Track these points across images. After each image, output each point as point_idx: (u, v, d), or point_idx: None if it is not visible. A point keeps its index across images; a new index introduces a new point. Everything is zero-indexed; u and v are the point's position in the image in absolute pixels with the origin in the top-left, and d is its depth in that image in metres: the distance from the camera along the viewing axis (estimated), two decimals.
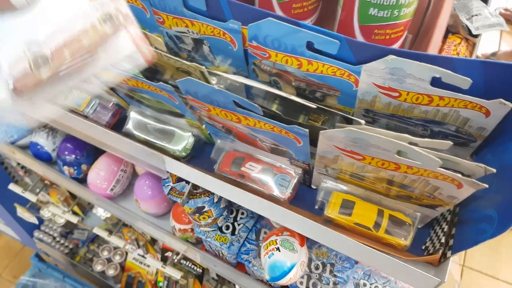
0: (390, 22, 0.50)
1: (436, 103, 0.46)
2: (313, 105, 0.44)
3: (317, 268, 0.70)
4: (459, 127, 0.49)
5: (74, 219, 1.16)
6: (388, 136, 0.38)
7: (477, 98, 0.43)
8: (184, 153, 0.68)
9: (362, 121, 0.40)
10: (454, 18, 0.79)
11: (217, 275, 1.31)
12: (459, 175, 0.39)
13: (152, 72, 0.62)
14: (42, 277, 1.50)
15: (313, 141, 0.50)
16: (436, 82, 0.44)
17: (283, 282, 0.67)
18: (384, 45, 0.44)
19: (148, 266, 1.43)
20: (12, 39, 0.31)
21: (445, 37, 0.82)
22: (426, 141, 0.39)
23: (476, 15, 0.74)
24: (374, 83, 0.47)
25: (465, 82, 0.41)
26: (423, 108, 0.48)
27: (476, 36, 0.75)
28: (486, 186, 0.38)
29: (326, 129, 0.43)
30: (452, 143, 0.39)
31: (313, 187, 0.64)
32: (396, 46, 0.55)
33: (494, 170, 0.40)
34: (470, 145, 0.52)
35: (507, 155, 0.46)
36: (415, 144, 0.40)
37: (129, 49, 0.36)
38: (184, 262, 1.28)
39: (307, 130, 0.44)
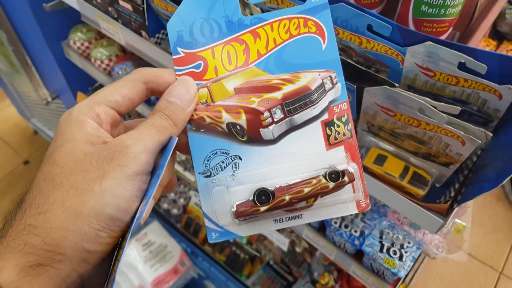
0: (437, 18, 0.63)
1: (462, 84, 0.60)
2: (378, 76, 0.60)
3: (351, 214, 0.86)
4: (480, 107, 0.62)
5: None
6: (413, 97, 0.53)
7: (492, 83, 0.56)
8: None
9: (396, 84, 0.55)
10: (510, 27, 0.89)
11: None
12: (462, 132, 0.53)
13: None
14: None
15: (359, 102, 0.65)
16: (462, 67, 0.57)
17: None
18: (428, 35, 0.58)
19: None
20: (251, 167, 0.35)
21: (500, 42, 0.92)
22: (442, 104, 0.53)
23: None
24: (415, 63, 0.61)
25: (482, 68, 0.55)
26: (452, 88, 0.61)
27: None
28: (480, 141, 0.52)
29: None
30: (460, 108, 0.53)
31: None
32: (441, 38, 0.68)
33: (491, 134, 0.53)
34: (489, 125, 0.64)
35: None
36: (434, 107, 0.54)
37: (346, 201, 0.36)
38: None
39: (355, 85, 0.59)
